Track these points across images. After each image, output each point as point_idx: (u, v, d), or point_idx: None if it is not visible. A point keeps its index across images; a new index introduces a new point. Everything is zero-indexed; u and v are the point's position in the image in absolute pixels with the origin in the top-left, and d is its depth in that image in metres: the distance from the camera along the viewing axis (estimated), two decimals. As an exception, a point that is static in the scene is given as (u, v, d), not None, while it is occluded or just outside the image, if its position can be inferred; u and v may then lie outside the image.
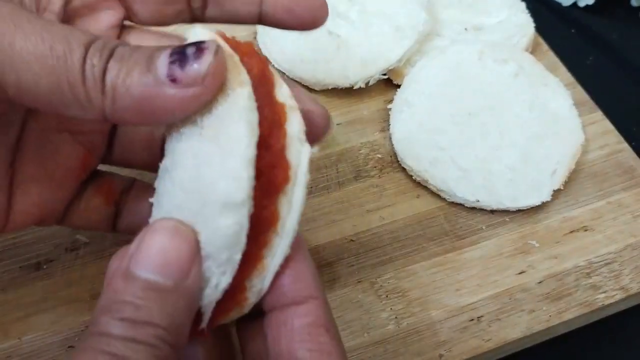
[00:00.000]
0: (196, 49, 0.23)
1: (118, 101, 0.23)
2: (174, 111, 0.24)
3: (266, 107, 0.25)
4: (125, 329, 0.21)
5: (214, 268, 0.23)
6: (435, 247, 0.41)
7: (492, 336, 0.37)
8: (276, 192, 0.24)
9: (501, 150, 0.44)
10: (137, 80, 0.23)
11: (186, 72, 0.23)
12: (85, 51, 0.23)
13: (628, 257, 0.41)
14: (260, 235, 0.24)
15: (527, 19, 0.52)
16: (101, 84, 0.23)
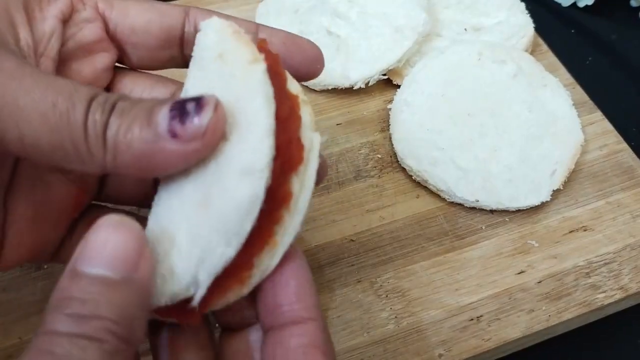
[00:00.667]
0: (196, 104, 0.23)
1: (119, 157, 0.23)
2: (175, 165, 0.24)
3: (281, 95, 0.25)
4: (70, 325, 0.20)
5: (220, 238, 0.23)
6: (434, 247, 0.41)
7: (492, 336, 0.37)
8: (291, 170, 0.25)
9: (501, 150, 0.44)
10: (137, 136, 0.23)
11: (187, 127, 0.23)
12: (87, 106, 0.23)
13: (627, 257, 0.41)
14: (273, 212, 0.24)
15: (526, 19, 0.52)
16: (103, 139, 0.23)
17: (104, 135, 0.23)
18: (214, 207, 0.23)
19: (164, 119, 0.23)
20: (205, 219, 0.24)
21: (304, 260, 0.27)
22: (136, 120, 0.24)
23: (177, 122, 0.23)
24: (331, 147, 0.46)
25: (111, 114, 0.24)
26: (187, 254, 0.24)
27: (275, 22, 0.52)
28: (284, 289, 0.26)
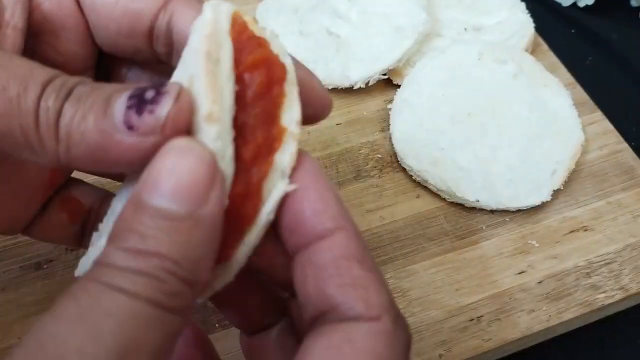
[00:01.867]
0: (155, 92, 0.21)
1: (72, 149, 0.21)
2: (131, 161, 0.21)
3: (261, 126, 0.22)
4: (128, 260, 0.19)
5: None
6: (435, 247, 0.41)
7: (492, 336, 0.37)
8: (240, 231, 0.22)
9: (501, 150, 0.44)
10: (92, 126, 0.21)
11: (143, 119, 0.20)
12: (41, 91, 0.21)
13: (628, 257, 0.41)
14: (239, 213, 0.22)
15: (526, 19, 0.52)
16: (55, 129, 0.21)
17: (57, 124, 0.21)
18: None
19: (120, 109, 0.21)
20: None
21: (318, 168, 0.24)
22: (92, 108, 0.21)
23: (134, 113, 0.21)
24: (331, 147, 0.46)
25: (66, 100, 0.21)
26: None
27: (275, 22, 0.52)
28: (303, 202, 0.22)
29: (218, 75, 0.21)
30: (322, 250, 0.22)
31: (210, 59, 0.21)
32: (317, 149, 0.46)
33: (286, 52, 0.23)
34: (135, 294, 0.18)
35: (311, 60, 0.49)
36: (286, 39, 0.50)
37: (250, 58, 0.22)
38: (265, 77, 0.22)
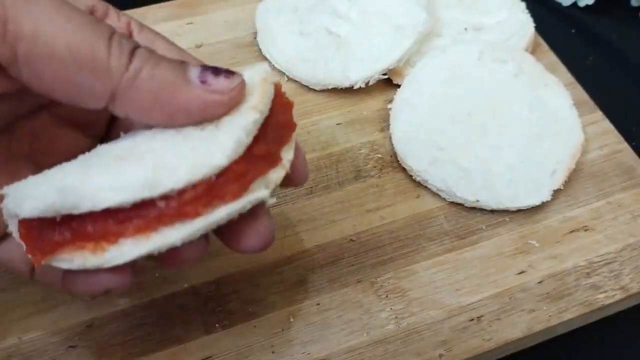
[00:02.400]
0: (227, 71, 0.25)
1: (138, 81, 0.23)
2: (191, 110, 0.24)
3: (272, 144, 0.27)
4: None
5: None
6: (435, 247, 0.41)
7: (492, 336, 0.37)
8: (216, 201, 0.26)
9: (501, 150, 0.44)
10: (165, 70, 0.23)
11: (219, 79, 0.24)
12: (112, 32, 0.23)
13: (628, 256, 0.41)
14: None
15: (527, 19, 0.52)
16: (128, 58, 0.23)
17: (131, 56, 0.23)
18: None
19: (197, 68, 0.24)
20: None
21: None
22: (165, 61, 0.24)
23: (210, 74, 0.24)
24: (331, 147, 0.46)
25: (138, 48, 0.24)
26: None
27: (275, 22, 0.52)
28: None
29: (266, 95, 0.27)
30: None
31: (267, 82, 0.27)
32: (317, 149, 0.46)
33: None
34: None
35: (311, 60, 0.49)
36: (286, 39, 0.50)
37: (281, 99, 0.28)
38: (286, 115, 0.28)
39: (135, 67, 0.23)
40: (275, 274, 0.39)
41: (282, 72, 0.50)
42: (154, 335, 0.36)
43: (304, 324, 0.37)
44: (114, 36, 0.23)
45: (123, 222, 0.24)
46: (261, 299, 0.38)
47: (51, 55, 0.23)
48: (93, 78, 0.23)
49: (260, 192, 0.27)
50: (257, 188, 0.27)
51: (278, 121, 0.28)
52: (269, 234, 0.29)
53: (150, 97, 0.24)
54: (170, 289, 0.38)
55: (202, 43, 0.52)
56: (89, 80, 0.23)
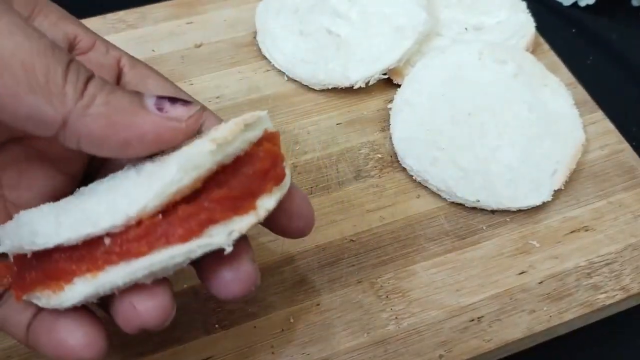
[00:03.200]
0: (184, 100, 0.25)
1: (93, 107, 0.23)
2: (145, 137, 0.24)
3: (240, 188, 0.26)
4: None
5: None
6: (435, 247, 0.41)
7: (493, 336, 0.37)
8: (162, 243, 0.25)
9: (501, 150, 0.43)
10: (120, 97, 0.23)
11: (175, 107, 0.24)
12: (71, 58, 0.23)
13: (629, 257, 0.41)
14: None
15: (527, 18, 0.52)
16: (83, 85, 0.23)
17: (86, 83, 0.23)
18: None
19: (152, 97, 0.24)
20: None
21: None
22: (120, 90, 0.24)
23: (167, 101, 0.24)
24: (331, 147, 0.46)
25: (94, 77, 0.24)
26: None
27: (275, 22, 0.51)
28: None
29: (240, 133, 0.26)
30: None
31: (241, 124, 0.26)
32: (317, 149, 0.46)
33: (289, 177, 0.29)
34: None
35: (311, 60, 0.49)
36: (286, 39, 0.50)
37: (268, 146, 0.27)
38: (268, 164, 0.27)
39: (90, 93, 0.23)
40: (275, 274, 0.39)
41: (282, 71, 0.50)
42: (154, 335, 0.36)
43: (304, 325, 0.37)
44: (72, 63, 0.23)
45: (78, 260, 0.24)
46: (261, 300, 0.38)
47: (4, 71, 0.22)
48: (45, 102, 0.22)
49: (214, 238, 0.25)
50: (216, 234, 0.25)
51: (259, 168, 0.26)
52: (249, 281, 0.27)
53: (104, 123, 0.23)
54: (169, 289, 0.38)
55: (202, 43, 0.52)
56: (41, 103, 0.22)
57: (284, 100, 0.49)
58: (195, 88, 0.49)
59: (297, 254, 0.40)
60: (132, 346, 0.36)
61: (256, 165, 0.26)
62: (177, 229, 0.24)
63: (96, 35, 0.30)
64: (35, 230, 0.24)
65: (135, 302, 0.25)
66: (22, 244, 0.25)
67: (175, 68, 0.50)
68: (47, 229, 0.24)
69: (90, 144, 0.24)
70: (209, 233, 0.25)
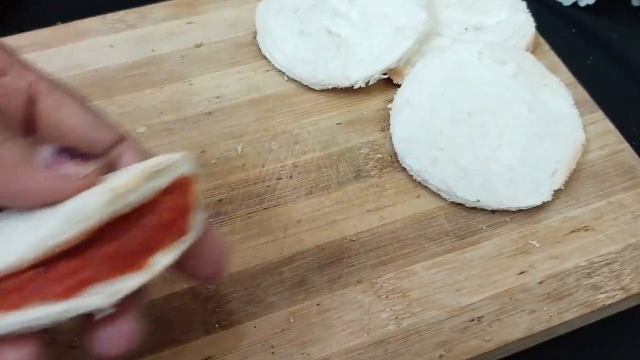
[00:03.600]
0: (83, 155, 0.24)
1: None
2: (30, 193, 0.23)
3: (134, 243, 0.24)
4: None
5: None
6: (435, 247, 0.41)
7: (493, 336, 0.37)
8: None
9: (501, 150, 0.43)
10: (8, 150, 0.22)
11: (68, 165, 0.23)
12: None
13: (629, 257, 0.41)
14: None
15: (527, 18, 0.52)
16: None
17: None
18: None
19: (47, 151, 0.23)
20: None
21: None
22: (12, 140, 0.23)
23: (62, 158, 0.23)
24: (331, 147, 0.46)
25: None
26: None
27: (275, 22, 0.51)
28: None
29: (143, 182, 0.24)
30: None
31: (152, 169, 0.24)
32: (317, 149, 0.46)
33: (198, 228, 0.26)
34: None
35: (311, 60, 0.49)
36: (286, 39, 0.50)
37: (172, 199, 0.25)
38: (171, 218, 0.24)
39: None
40: (275, 274, 0.39)
41: (282, 71, 0.50)
42: (154, 335, 0.36)
43: (304, 325, 0.37)
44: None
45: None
46: (261, 300, 0.38)
47: None
48: None
49: (93, 299, 0.23)
50: (97, 293, 0.23)
51: (159, 222, 0.24)
52: (129, 339, 0.25)
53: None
54: (169, 289, 0.38)
55: (202, 43, 0.52)
56: None
57: (284, 100, 0.49)
58: (195, 88, 0.49)
59: (297, 254, 0.40)
60: (132, 346, 0.36)
61: (156, 219, 0.24)
62: (54, 286, 0.22)
63: (15, 56, 0.28)
64: None
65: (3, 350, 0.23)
66: None
67: (175, 68, 0.50)
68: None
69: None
70: (89, 292, 0.23)
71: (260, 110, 0.48)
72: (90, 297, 0.23)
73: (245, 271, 0.39)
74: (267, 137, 0.46)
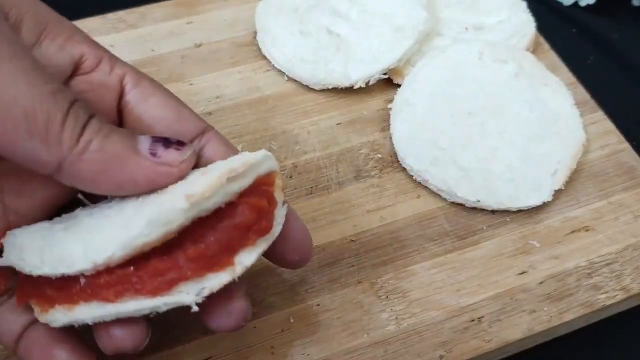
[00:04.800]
0: (178, 141, 0.26)
1: (87, 154, 0.23)
2: (138, 182, 0.24)
3: (216, 246, 0.25)
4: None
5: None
6: (435, 247, 0.41)
7: (493, 337, 0.37)
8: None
9: (502, 150, 0.43)
10: (114, 142, 0.24)
11: (168, 151, 0.25)
12: (71, 102, 0.24)
13: (629, 257, 0.41)
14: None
15: (527, 18, 0.52)
16: (80, 130, 0.23)
17: (83, 129, 0.23)
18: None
19: (146, 141, 0.25)
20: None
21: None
22: (116, 133, 0.24)
23: (161, 145, 0.25)
24: (331, 147, 0.46)
25: (93, 118, 0.24)
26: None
27: (275, 22, 0.51)
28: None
29: (221, 188, 0.25)
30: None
31: (230, 174, 0.25)
32: (317, 149, 0.46)
33: (281, 222, 0.28)
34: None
35: (311, 59, 0.49)
36: (286, 39, 0.50)
37: (254, 200, 0.26)
38: (252, 219, 0.26)
39: (85, 139, 0.23)
40: (275, 275, 0.39)
41: (282, 71, 0.50)
42: (153, 336, 0.36)
43: (304, 325, 0.37)
44: (73, 106, 0.23)
45: (59, 289, 0.25)
46: (261, 300, 0.38)
47: (6, 118, 0.23)
48: (42, 148, 0.23)
49: (182, 296, 0.25)
50: (185, 291, 0.25)
51: (240, 223, 0.26)
52: (241, 316, 0.28)
53: (97, 168, 0.24)
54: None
55: (202, 42, 0.52)
56: (38, 148, 0.23)
57: (284, 100, 0.49)
58: (195, 88, 0.49)
59: (297, 254, 0.40)
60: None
61: (238, 220, 0.26)
62: (145, 284, 0.24)
63: (103, 50, 0.29)
64: (23, 258, 0.25)
65: (111, 330, 0.26)
66: (13, 263, 0.26)
67: (175, 68, 0.50)
68: (32, 260, 0.25)
69: (84, 185, 0.25)
70: (178, 289, 0.25)
71: (260, 110, 0.48)
72: (179, 295, 0.25)
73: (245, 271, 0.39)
74: (267, 137, 0.46)
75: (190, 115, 0.29)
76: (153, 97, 0.29)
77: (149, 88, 0.29)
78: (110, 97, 0.29)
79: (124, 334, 0.26)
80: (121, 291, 0.24)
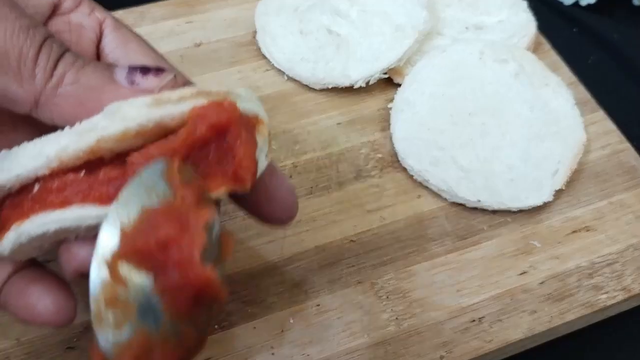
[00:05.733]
0: (157, 68, 0.25)
1: (62, 87, 0.23)
2: None
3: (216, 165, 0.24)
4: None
5: None
6: (436, 247, 0.41)
7: (494, 337, 0.37)
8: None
9: (502, 150, 0.43)
10: (89, 74, 0.23)
11: (146, 78, 0.24)
12: (45, 38, 0.23)
13: (630, 257, 0.41)
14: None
15: (528, 18, 0.52)
16: (53, 64, 0.23)
17: (57, 61, 0.23)
18: None
19: (123, 69, 0.24)
20: None
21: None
22: (92, 64, 0.24)
23: (139, 73, 0.24)
24: (331, 147, 0.46)
25: (67, 52, 0.24)
26: None
27: (275, 21, 0.51)
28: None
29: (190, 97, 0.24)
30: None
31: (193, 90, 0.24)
32: (317, 149, 0.45)
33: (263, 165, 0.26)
34: None
35: (311, 59, 0.49)
36: (286, 38, 0.50)
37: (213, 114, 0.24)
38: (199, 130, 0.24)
39: (59, 72, 0.23)
40: (275, 275, 0.39)
41: (281, 71, 0.50)
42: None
43: (304, 325, 0.37)
44: (45, 42, 0.23)
45: (15, 207, 0.24)
46: (261, 300, 0.38)
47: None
48: (16, 83, 0.23)
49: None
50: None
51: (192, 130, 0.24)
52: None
53: (74, 101, 0.23)
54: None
55: (201, 42, 0.52)
56: (12, 84, 0.23)
57: (284, 99, 0.48)
58: (194, 87, 0.49)
59: (297, 255, 0.40)
60: (131, 347, 0.36)
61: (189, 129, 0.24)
62: (93, 190, 0.23)
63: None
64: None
65: (72, 247, 0.25)
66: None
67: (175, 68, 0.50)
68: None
69: (63, 120, 0.24)
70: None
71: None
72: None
73: (245, 271, 0.39)
74: (267, 137, 0.46)
75: (166, 63, 0.29)
76: (132, 43, 0.29)
77: (128, 35, 0.29)
78: (89, 38, 0.28)
79: (87, 253, 0.24)
80: (68, 197, 0.23)
